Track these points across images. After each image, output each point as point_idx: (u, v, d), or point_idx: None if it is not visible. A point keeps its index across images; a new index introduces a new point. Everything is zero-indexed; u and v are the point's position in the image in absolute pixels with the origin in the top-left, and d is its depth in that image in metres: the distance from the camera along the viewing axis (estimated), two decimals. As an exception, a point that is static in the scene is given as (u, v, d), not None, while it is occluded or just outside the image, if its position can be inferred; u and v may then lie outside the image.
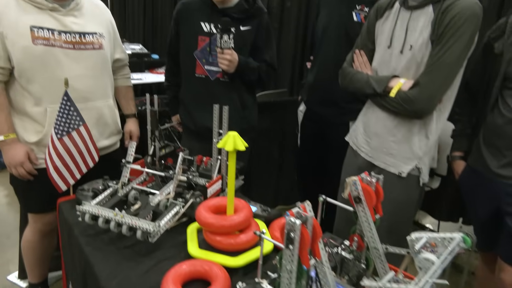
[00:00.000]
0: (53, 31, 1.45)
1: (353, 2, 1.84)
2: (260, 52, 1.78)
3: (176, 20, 1.81)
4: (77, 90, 1.51)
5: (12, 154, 1.48)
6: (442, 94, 1.30)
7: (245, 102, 1.83)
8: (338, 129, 2.01)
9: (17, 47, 1.40)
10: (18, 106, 1.49)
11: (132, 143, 1.38)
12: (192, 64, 1.77)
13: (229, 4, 1.72)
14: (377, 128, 1.47)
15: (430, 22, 1.27)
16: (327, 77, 1.94)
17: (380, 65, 1.45)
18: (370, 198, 0.82)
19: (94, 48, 1.57)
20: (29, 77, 1.44)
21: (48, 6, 1.44)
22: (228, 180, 1.06)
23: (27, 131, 1.51)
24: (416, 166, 1.40)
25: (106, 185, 1.35)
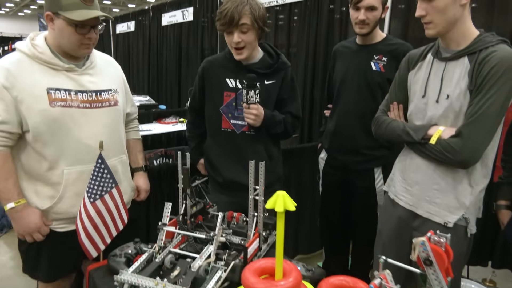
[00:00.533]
0: (70, 92, 1.44)
1: (371, 52, 1.90)
2: (285, 104, 1.80)
3: (201, 77, 1.84)
4: (96, 149, 1.45)
5: (27, 222, 1.41)
6: (487, 145, 1.29)
7: (271, 154, 1.82)
8: (362, 176, 2.00)
9: (34, 111, 1.37)
10: (31, 170, 1.45)
11: (167, 204, 1.33)
12: (218, 119, 1.78)
13: (253, 60, 1.75)
14: (417, 176, 1.44)
15: (467, 73, 1.28)
16: (349, 125, 1.96)
17: (415, 114, 1.46)
18: (442, 260, 0.78)
19: (110, 105, 1.56)
20: (45, 140, 1.41)
21: (64, 67, 1.44)
22: (276, 242, 1.01)
23: (39, 196, 1.45)
24: (463, 216, 1.36)
25: (138, 249, 1.29)
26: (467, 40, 1.32)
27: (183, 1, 6.08)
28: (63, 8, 1.36)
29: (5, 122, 1.36)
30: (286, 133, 1.82)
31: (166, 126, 4.14)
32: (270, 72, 1.74)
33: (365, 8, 1.81)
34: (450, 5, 1.26)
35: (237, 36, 1.64)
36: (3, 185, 1.38)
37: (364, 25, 1.84)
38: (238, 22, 1.60)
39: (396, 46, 1.87)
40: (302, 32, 3.83)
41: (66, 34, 1.40)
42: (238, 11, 1.59)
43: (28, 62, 1.40)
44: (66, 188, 1.45)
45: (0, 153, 1.37)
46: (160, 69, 6.79)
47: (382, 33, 1.94)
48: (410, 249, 1.51)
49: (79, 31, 1.40)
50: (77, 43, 1.42)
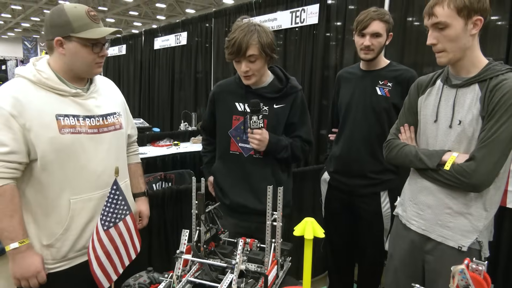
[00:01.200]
0: (78, 118, 1.39)
1: (376, 77, 1.95)
2: (295, 128, 1.80)
3: (212, 101, 1.86)
4: (102, 175, 1.44)
5: (28, 264, 1.30)
6: (500, 168, 1.31)
7: (280, 179, 1.80)
8: (368, 200, 2.00)
9: (43, 138, 1.31)
10: (33, 202, 1.36)
11: (184, 231, 1.30)
12: (227, 141, 1.78)
13: (263, 84, 1.77)
14: (429, 200, 1.44)
15: (479, 99, 1.32)
16: (355, 149, 1.98)
17: (427, 138, 1.48)
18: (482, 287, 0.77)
19: (115, 129, 1.53)
20: (52, 169, 1.34)
21: (71, 92, 1.40)
22: (304, 270, 0.99)
23: (42, 231, 1.37)
24: (476, 240, 1.37)
25: (152, 279, 1.24)
26: (477, 68, 1.36)
27: (176, 26, 6.17)
28: (75, 30, 1.34)
29: (14, 152, 1.28)
30: (294, 157, 1.81)
31: (160, 149, 4.11)
32: (279, 96, 1.75)
33: (370, 34, 1.86)
34: (460, 34, 1.31)
35: (245, 66, 1.65)
36: (8, 223, 1.28)
37: (369, 51, 1.89)
38: (246, 53, 1.62)
39: (400, 71, 1.91)
40: (298, 56, 3.91)
41: (81, 56, 1.38)
42: (245, 41, 1.59)
43: (33, 89, 1.35)
44: (72, 218, 1.38)
45: (7, 186, 1.28)
46: (152, 92, 6.80)
47: (385, 59, 1.99)
48: (422, 272, 1.51)
49: (95, 50, 1.39)
50: (91, 63, 1.40)
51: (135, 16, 19.07)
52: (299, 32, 3.89)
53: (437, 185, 1.41)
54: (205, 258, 1.33)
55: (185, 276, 1.22)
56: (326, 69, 3.68)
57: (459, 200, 1.37)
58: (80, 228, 1.41)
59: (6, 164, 1.28)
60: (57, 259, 1.39)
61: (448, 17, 1.29)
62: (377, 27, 1.85)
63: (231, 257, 1.37)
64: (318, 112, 3.70)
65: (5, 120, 1.28)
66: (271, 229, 1.30)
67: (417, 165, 1.43)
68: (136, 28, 20.79)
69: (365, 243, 2.08)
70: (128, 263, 1.30)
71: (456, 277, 0.79)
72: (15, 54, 23.00)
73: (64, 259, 1.41)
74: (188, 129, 4.97)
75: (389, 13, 1.94)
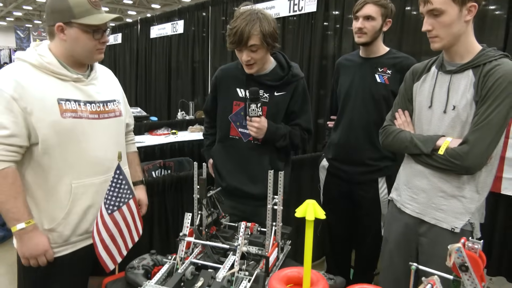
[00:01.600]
0: (79, 102, 1.40)
1: (375, 65, 1.96)
2: (295, 116, 1.81)
3: (214, 85, 1.88)
4: (103, 160, 1.45)
5: (35, 243, 1.33)
6: (492, 151, 1.35)
7: (277, 167, 1.81)
8: (366, 186, 2.03)
9: (45, 122, 1.32)
10: (34, 186, 1.37)
11: (187, 214, 1.32)
12: (227, 126, 1.81)
13: (264, 71, 1.77)
14: (423, 184, 1.48)
15: (472, 85, 1.35)
16: (354, 136, 2.00)
17: (421, 123, 1.51)
18: (477, 265, 0.81)
19: (115, 116, 1.54)
20: (53, 153, 1.35)
21: (72, 77, 1.40)
22: (305, 251, 1.02)
23: (44, 215, 1.38)
24: (469, 221, 1.41)
25: (155, 261, 1.27)
26: (471, 54, 1.39)
27: (172, 14, 6.11)
28: (76, 16, 1.34)
29: (14, 135, 1.29)
30: (293, 146, 1.83)
31: (158, 137, 4.11)
32: (280, 84, 1.76)
33: (362, 17, 1.88)
34: (455, 21, 1.34)
35: (246, 55, 1.65)
36: (13, 204, 1.30)
37: (362, 34, 1.90)
38: (247, 43, 1.61)
39: (400, 59, 1.93)
40: (296, 45, 3.90)
41: (82, 42, 1.38)
42: (247, 31, 1.59)
43: (35, 73, 1.35)
44: (74, 203, 1.39)
45: (9, 169, 1.30)
46: (149, 81, 6.76)
47: (385, 47, 2.00)
48: (416, 255, 1.55)
49: (96, 36, 1.39)
50: (92, 49, 1.41)
51: (129, 5, 18.84)
52: (297, 21, 3.88)
53: (430, 170, 1.44)
54: (207, 241, 1.36)
55: (188, 258, 1.25)
56: (324, 59, 3.68)
57: (452, 184, 1.41)
58: (82, 213, 1.42)
59: (6, 147, 1.28)
60: (58, 243, 1.40)
61: (443, 4, 1.32)
62: (370, 10, 1.86)
63: (232, 240, 1.39)
64: (316, 102, 3.71)
65: (6, 103, 1.28)
66: (271, 212, 1.32)
67: (412, 150, 1.47)
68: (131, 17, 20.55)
69: (363, 229, 2.12)
70: (132, 245, 1.33)
71: (452, 255, 0.82)
72: (8, 44, 22.65)
73: (66, 243, 1.42)
74: (185, 118, 4.96)
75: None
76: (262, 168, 1.74)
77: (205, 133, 2.07)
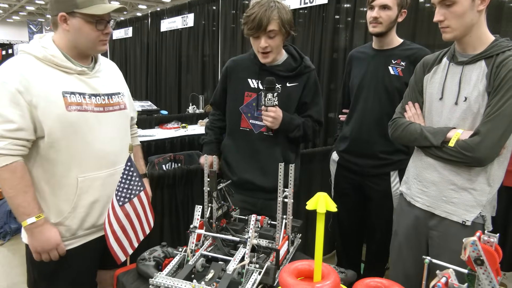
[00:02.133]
0: (84, 95, 1.38)
1: (388, 57, 1.92)
2: (306, 108, 1.80)
3: (224, 76, 1.86)
4: (108, 154, 1.44)
5: (47, 237, 1.32)
6: (504, 143, 1.32)
7: (288, 158, 1.81)
8: (378, 180, 2.00)
9: (50, 115, 1.30)
10: (40, 180, 1.36)
11: (197, 207, 1.32)
12: (238, 117, 1.79)
13: (277, 62, 1.76)
14: (433, 177, 1.46)
15: (485, 76, 1.32)
16: (367, 130, 1.97)
17: (432, 116, 1.48)
18: (493, 259, 0.79)
19: (120, 109, 1.52)
20: (59, 147, 1.34)
21: (77, 70, 1.38)
22: (316, 244, 1.01)
23: (50, 210, 1.37)
24: (480, 214, 1.39)
25: (166, 253, 1.28)
26: (484, 45, 1.36)
27: (183, 8, 6.10)
28: (79, 6, 1.32)
29: (22, 128, 1.27)
30: (305, 137, 1.82)
31: (168, 131, 4.13)
32: (292, 75, 1.75)
33: (378, 6, 1.84)
34: (467, 11, 1.31)
35: (264, 41, 1.64)
36: (22, 198, 1.29)
37: (377, 23, 1.86)
38: (266, 28, 1.61)
39: (414, 50, 1.89)
40: (307, 38, 3.86)
41: (85, 32, 1.36)
42: (267, 16, 1.59)
43: (39, 65, 1.33)
44: (80, 196, 1.38)
45: (18, 163, 1.28)
46: (159, 75, 6.78)
47: (399, 39, 1.96)
48: (427, 248, 1.53)
49: (99, 27, 1.37)
50: (95, 40, 1.39)
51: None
52: (308, 14, 3.84)
53: (441, 162, 1.42)
54: (218, 234, 1.36)
55: (198, 250, 1.25)
56: (335, 52, 3.64)
57: (463, 176, 1.39)
58: (88, 206, 1.41)
59: (14, 141, 1.27)
60: (66, 236, 1.40)
61: None
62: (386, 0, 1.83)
63: (243, 233, 1.40)
64: (326, 95, 3.67)
65: (12, 96, 1.26)
66: (282, 205, 1.32)
67: (422, 143, 1.44)
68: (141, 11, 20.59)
69: (374, 223, 2.10)
70: (143, 237, 1.34)
71: (467, 249, 0.80)
72: (21, 38, 22.94)
73: (73, 237, 1.42)
74: (196, 112, 4.98)
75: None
76: (274, 160, 1.73)
77: (210, 125, 1.99)
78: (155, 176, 2.06)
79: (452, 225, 1.43)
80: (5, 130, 1.25)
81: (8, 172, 1.27)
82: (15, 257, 2.90)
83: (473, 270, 0.83)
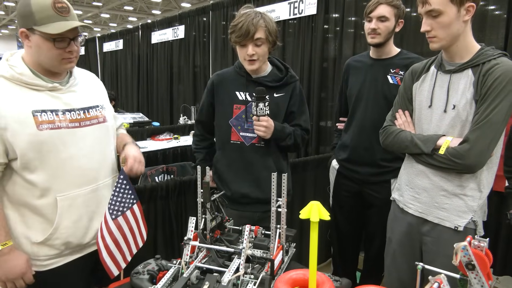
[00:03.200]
0: (57, 112, 1.32)
1: (387, 66, 1.95)
2: (294, 117, 1.83)
3: (210, 91, 1.86)
4: (88, 170, 1.39)
5: (11, 266, 1.27)
6: (492, 150, 1.35)
7: (281, 168, 1.82)
8: (378, 187, 2.02)
9: (21, 136, 1.25)
10: (19, 200, 1.31)
11: (191, 218, 1.32)
12: (228, 131, 1.80)
13: (263, 73, 1.79)
14: (424, 184, 1.48)
15: (472, 84, 1.36)
16: (366, 138, 1.99)
17: (421, 123, 1.51)
18: (484, 264, 0.80)
19: (99, 122, 1.45)
20: (34, 167, 1.29)
21: (47, 87, 1.32)
22: (310, 253, 1.02)
23: (31, 229, 1.33)
24: (471, 220, 1.41)
25: (160, 266, 1.27)
26: (470, 54, 1.39)
27: (173, 20, 6.14)
28: (37, 23, 1.25)
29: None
30: (296, 145, 1.83)
31: (161, 143, 4.12)
32: (279, 85, 1.78)
33: (376, 18, 1.88)
34: (453, 21, 1.34)
35: (251, 49, 1.67)
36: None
37: (376, 34, 1.89)
38: (254, 36, 1.64)
39: (412, 59, 1.90)
40: (297, 48, 3.91)
41: (44, 50, 1.29)
42: (254, 24, 1.63)
43: (7, 85, 1.28)
44: (61, 216, 1.33)
45: None
46: (151, 86, 6.79)
47: (396, 48, 1.99)
48: (420, 254, 1.55)
49: (58, 45, 1.28)
50: (57, 58, 1.31)
51: (130, 11, 18.95)
52: (297, 24, 3.89)
53: (431, 169, 1.44)
54: (212, 245, 1.36)
55: (193, 262, 1.25)
56: (325, 61, 3.69)
57: (454, 182, 1.41)
58: (71, 226, 1.37)
59: None
60: (50, 255, 1.36)
61: (441, 4, 1.32)
62: (384, 11, 1.86)
63: (237, 244, 1.39)
64: (317, 104, 3.71)
65: None
66: (276, 215, 1.32)
67: (413, 150, 1.47)
68: (132, 23, 20.67)
69: (373, 230, 2.09)
70: (136, 251, 1.33)
71: (459, 254, 0.81)
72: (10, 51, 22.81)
73: (58, 256, 1.38)
74: (187, 123, 4.98)
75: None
76: (267, 170, 1.72)
77: (197, 147, 1.97)
78: (148, 188, 2.05)
79: (444, 230, 1.45)
80: None
81: None
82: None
83: (465, 275, 0.84)
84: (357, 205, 2.10)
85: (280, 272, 1.30)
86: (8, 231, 1.28)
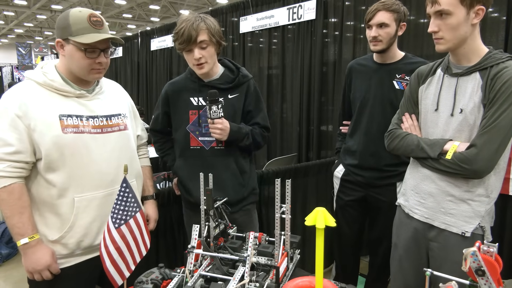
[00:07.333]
0: (81, 118, 1.44)
1: (392, 71, 1.93)
2: (252, 116, 1.83)
3: (165, 100, 1.85)
4: (106, 174, 1.49)
5: (37, 258, 1.37)
6: (500, 154, 1.33)
7: (243, 168, 1.82)
8: (383, 191, 2.00)
9: (47, 137, 1.37)
10: (40, 199, 1.42)
11: (195, 226, 1.31)
12: (187, 137, 1.80)
13: (215, 76, 1.80)
14: (430, 188, 1.46)
15: (480, 87, 1.34)
16: (372, 143, 1.97)
17: (427, 127, 1.50)
18: (494, 269, 0.79)
19: (120, 130, 1.56)
20: (56, 168, 1.40)
21: (75, 93, 1.45)
22: (316, 260, 1.00)
23: (49, 227, 1.43)
24: (479, 225, 1.39)
25: (164, 275, 1.25)
26: (478, 57, 1.38)
27: (172, 26, 6.15)
28: (73, 34, 1.39)
29: (19, 151, 1.35)
30: (256, 144, 1.83)
31: (161, 149, 4.10)
32: (232, 86, 1.79)
33: (376, 25, 1.86)
34: (462, 23, 1.32)
35: (198, 52, 1.67)
36: (18, 219, 1.35)
37: (377, 42, 1.87)
38: (197, 39, 1.65)
39: (418, 64, 1.86)
40: (296, 53, 3.92)
41: (76, 59, 1.42)
42: (195, 28, 1.63)
43: (39, 90, 1.41)
44: (77, 216, 1.43)
45: (15, 185, 1.35)
46: (150, 93, 6.79)
47: (400, 52, 1.97)
48: (427, 259, 1.53)
49: (89, 55, 1.41)
50: (87, 68, 1.43)
51: (128, 18, 19.04)
52: (296, 29, 3.90)
53: (438, 174, 1.43)
54: (216, 253, 1.34)
55: (197, 270, 1.23)
56: (324, 66, 3.69)
57: (461, 187, 1.39)
58: (85, 226, 1.45)
59: (13, 163, 1.34)
60: (62, 254, 1.44)
61: (451, 5, 1.30)
62: (383, 17, 1.84)
63: (241, 251, 1.38)
64: (318, 109, 3.71)
65: (11, 121, 1.34)
66: (280, 221, 1.31)
67: (419, 154, 1.45)
68: (130, 30, 20.76)
69: (379, 234, 2.07)
70: (139, 260, 1.31)
71: (468, 259, 0.80)
72: (10, 61, 22.90)
73: (71, 255, 1.46)
74: (187, 129, 4.96)
75: (399, 2, 1.89)
76: (230, 172, 1.77)
77: (163, 150, 1.95)
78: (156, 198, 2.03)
79: (451, 236, 1.43)
80: (4, 153, 1.33)
81: (5, 193, 1.34)
82: (8, 283, 2.82)
83: (474, 281, 0.83)
84: (360, 209, 2.08)
85: (285, 280, 1.28)
86: (35, 226, 1.39)
